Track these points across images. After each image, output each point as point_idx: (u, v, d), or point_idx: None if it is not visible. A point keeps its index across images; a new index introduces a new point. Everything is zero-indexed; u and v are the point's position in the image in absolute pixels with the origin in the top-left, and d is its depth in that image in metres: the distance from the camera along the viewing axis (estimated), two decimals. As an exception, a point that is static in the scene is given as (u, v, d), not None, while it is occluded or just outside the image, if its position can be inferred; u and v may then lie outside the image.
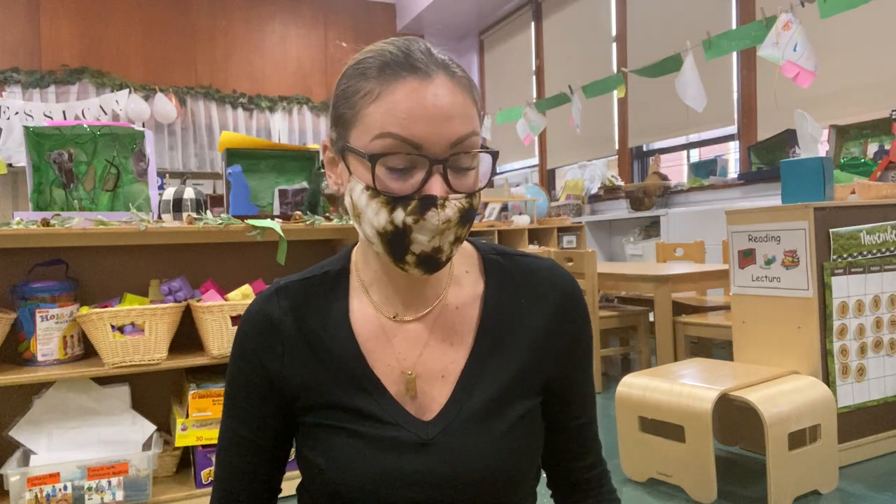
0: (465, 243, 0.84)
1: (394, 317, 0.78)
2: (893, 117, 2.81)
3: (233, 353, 0.82)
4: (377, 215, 0.70)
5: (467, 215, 0.71)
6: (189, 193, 2.24)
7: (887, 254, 2.23)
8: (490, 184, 0.76)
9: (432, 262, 0.71)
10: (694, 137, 4.89)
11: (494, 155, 0.73)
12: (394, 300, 0.79)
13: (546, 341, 0.79)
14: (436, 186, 0.68)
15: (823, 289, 2.10)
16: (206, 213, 2.13)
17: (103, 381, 2.00)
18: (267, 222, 2.06)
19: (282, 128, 6.67)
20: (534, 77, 6.57)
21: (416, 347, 0.77)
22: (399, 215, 0.68)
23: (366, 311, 0.79)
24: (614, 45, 5.47)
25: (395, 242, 0.70)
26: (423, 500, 0.72)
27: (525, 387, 0.78)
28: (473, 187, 0.71)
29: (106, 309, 1.88)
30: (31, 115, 5.52)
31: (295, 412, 0.79)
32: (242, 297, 2.05)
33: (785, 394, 1.92)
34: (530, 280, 0.81)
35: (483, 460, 0.73)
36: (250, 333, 0.80)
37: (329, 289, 0.81)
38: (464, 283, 0.81)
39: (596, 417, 0.88)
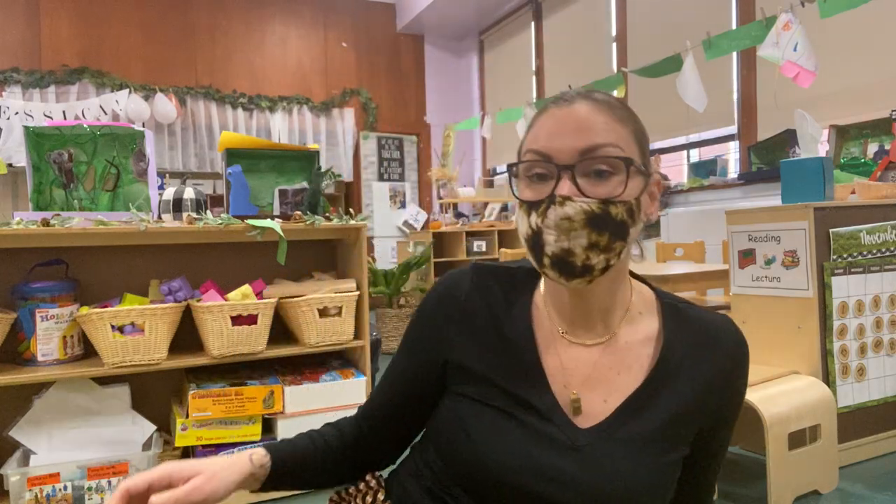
0: (644, 288, 0.87)
1: (563, 333, 0.82)
2: (893, 117, 2.80)
3: (417, 309, 0.91)
4: (522, 224, 0.76)
5: (597, 220, 0.72)
6: (189, 193, 2.24)
7: (887, 254, 2.23)
8: (636, 193, 0.76)
9: (565, 265, 0.73)
10: (694, 137, 4.89)
11: (626, 161, 0.74)
12: (565, 324, 0.82)
13: (709, 395, 0.81)
14: (562, 188, 0.73)
15: (823, 289, 2.10)
16: (206, 213, 2.13)
17: (103, 381, 2.00)
18: (267, 222, 2.06)
19: (282, 128, 6.66)
20: (534, 77, 6.56)
21: (584, 367, 0.80)
22: (533, 219, 0.75)
23: (543, 316, 0.84)
24: (614, 45, 5.47)
25: (535, 246, 0.75)
26: (561, 501, 0.74)
27: (680, 433, 0.80)
28: (610, 194, 0.73)
29: (106, 309, 1.88)
30: (31, 115, 5.51)
31: (451, 379, 0.83)
32: (242, 296, 2.05)
33: (785, 394, 1.92)
34: (707, 332, 0.83)
35: (626, 485, 0.75)
36: (434, 296, 0.89)
37: (521, 282, 0.86)
38: (638, 322, 0.83)
39: (714, 487, 0.89)
